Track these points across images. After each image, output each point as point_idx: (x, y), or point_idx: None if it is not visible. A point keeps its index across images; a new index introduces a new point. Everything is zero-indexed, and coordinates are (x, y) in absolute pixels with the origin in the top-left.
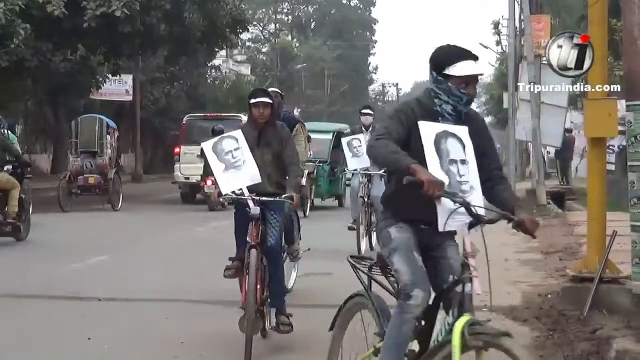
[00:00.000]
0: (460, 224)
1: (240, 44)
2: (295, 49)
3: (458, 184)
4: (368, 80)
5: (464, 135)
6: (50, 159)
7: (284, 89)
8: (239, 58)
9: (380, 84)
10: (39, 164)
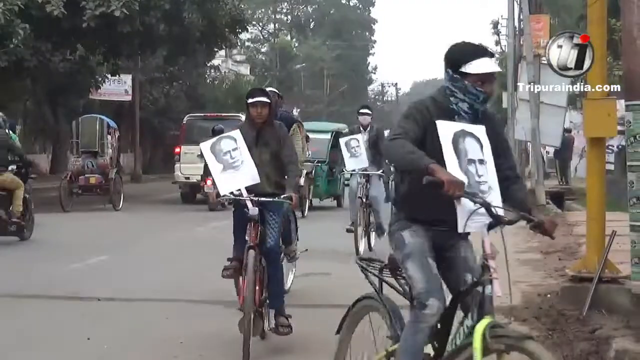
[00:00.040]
0: (480, 225)
1: (239, 44)
2: (294, 49)
3: (477, 184)
4: (367, 80)
5: (482, 134)
6: (50, 159)
7: (283, 89)
8: (238, 58)
9: (380, 84)
10: (38, 164)
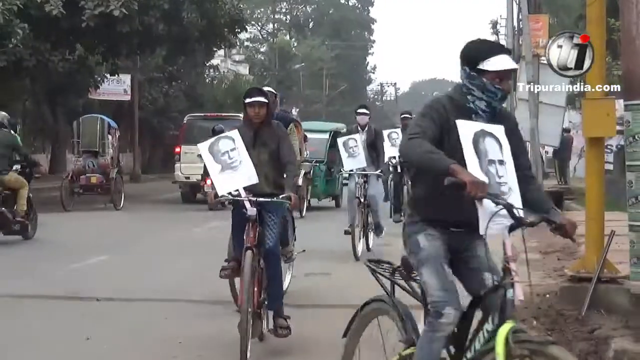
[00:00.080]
0: (501, 227)
1: (238, 44)
2: (293, 49)
3: (497, 185)
4: (366, 80)
5: (501, 134)
6: (49, 158)
7: (282, 89)
8: (237, 58)
9: (379, 83)
10: (41, 164)
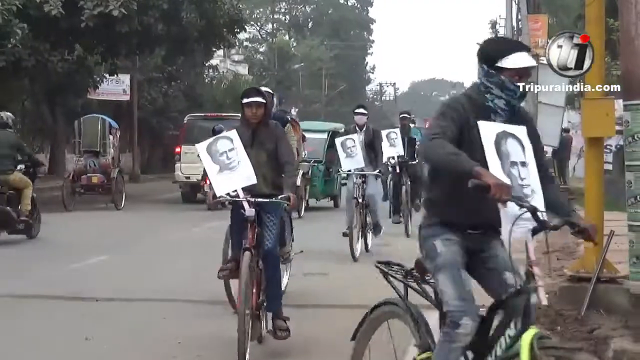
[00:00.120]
0: (524, 230)
1: (237, 44)
2: (292, 49)
3: (520, 188)
4: (365, 80)
5: (523, 135)
6: (48, 158)
7: (282, 89)
8: (236, 58)
9: (378, 83)
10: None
